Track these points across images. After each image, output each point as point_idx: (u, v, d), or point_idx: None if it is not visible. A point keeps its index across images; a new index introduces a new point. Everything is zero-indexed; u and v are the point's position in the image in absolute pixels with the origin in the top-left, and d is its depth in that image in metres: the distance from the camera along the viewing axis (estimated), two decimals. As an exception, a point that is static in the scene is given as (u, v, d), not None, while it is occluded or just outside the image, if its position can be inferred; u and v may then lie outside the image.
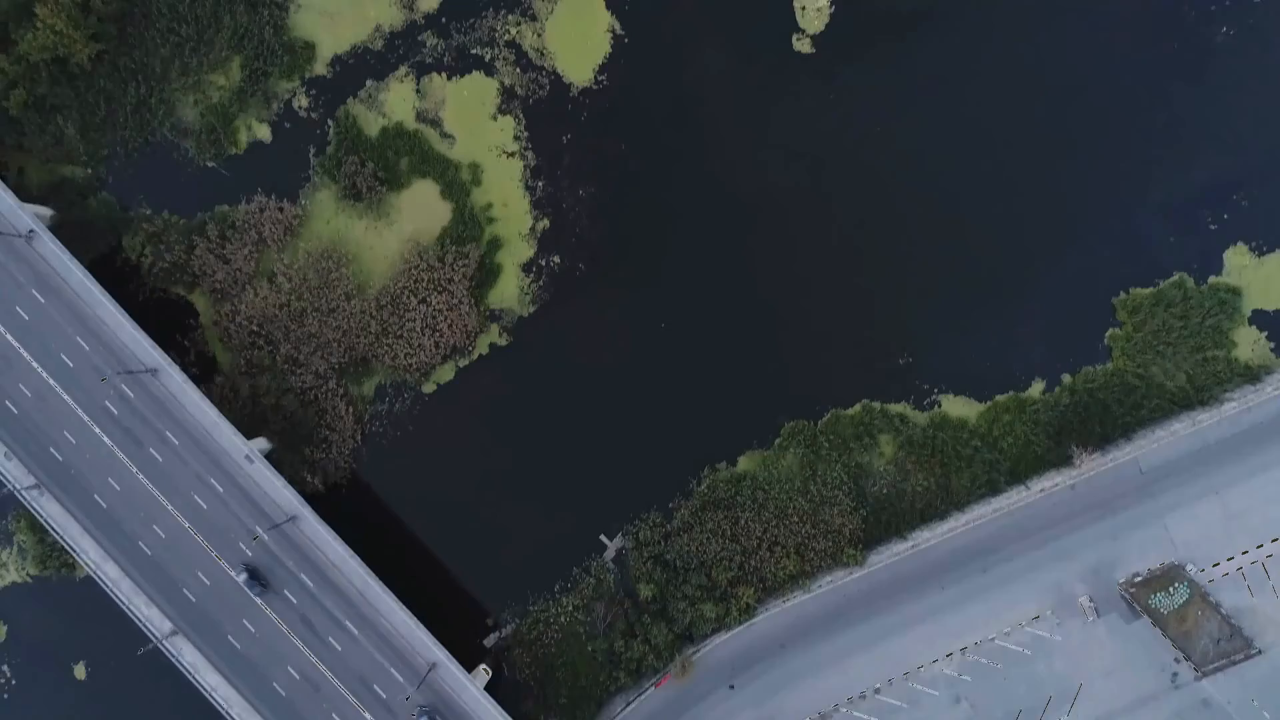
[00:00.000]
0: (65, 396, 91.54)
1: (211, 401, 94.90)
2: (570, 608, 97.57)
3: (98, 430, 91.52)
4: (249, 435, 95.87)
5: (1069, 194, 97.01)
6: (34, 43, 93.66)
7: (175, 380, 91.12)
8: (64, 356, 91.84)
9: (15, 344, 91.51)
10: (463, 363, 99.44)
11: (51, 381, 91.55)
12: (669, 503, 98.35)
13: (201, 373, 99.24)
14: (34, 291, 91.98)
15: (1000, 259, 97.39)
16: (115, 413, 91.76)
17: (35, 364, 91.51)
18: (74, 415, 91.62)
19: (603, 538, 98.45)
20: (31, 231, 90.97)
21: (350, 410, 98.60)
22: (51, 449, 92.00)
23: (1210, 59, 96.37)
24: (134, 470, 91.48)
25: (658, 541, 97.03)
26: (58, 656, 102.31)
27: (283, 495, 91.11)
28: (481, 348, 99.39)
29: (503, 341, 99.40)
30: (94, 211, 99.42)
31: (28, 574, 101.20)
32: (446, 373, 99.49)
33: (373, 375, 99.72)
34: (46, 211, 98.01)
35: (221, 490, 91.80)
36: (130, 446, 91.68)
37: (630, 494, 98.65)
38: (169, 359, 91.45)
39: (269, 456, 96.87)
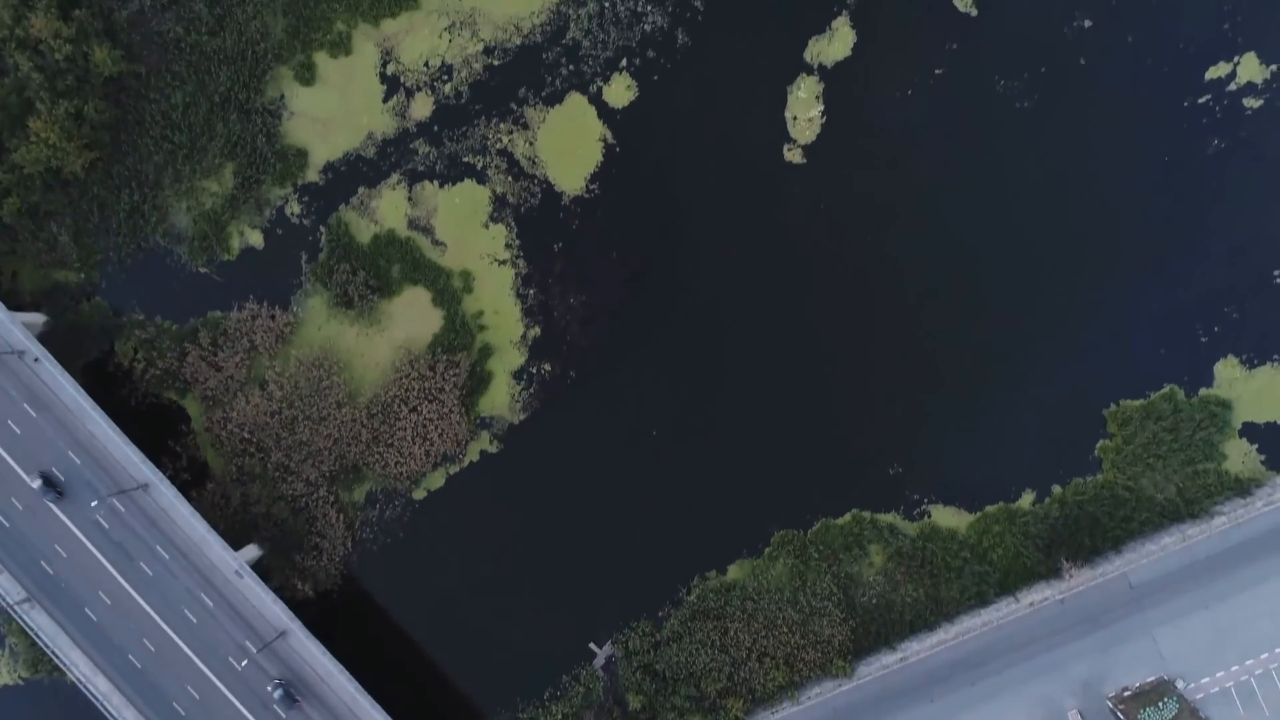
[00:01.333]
0: (57, 510, 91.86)
1: (203, 508, 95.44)
2: (560, 716, 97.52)
3: (89, 544, 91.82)
4: (240, 542, 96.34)
5: (1059, 304, 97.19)
6: (28, 155, 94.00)
7: (166, 495, 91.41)
8: (55, 470, 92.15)
9: (7, 458, 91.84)
10: (453, 470, 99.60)
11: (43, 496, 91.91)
12: (659, 611, 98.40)
13: (193, 478, 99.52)
14: (25, 406, 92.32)
15: (991, 369, 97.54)
16: (106, 527, 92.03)
17: (26, 477, 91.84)
18: (65, 529, 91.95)
19: (592, 645, 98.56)
20: (24, 351, 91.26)
21: (341, 517, 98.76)
22: (43, 562, 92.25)
23: (1202, 171, 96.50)
24: (125, 585, 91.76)
25: (647, 650, 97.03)
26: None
27: (272, 610, 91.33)
28: (472, 455, 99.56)
29: (494, 449, 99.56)
30: (87, 317, 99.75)
31: (19, 676, 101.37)
32: (437, 479, 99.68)
33: (363, 482, 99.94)
34: (40, 318, 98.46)
35: (212, 605, 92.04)
36: (121, 561, 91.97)
37: (620, 601, 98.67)
38: (160, 474, 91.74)
39: (260, 563, 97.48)
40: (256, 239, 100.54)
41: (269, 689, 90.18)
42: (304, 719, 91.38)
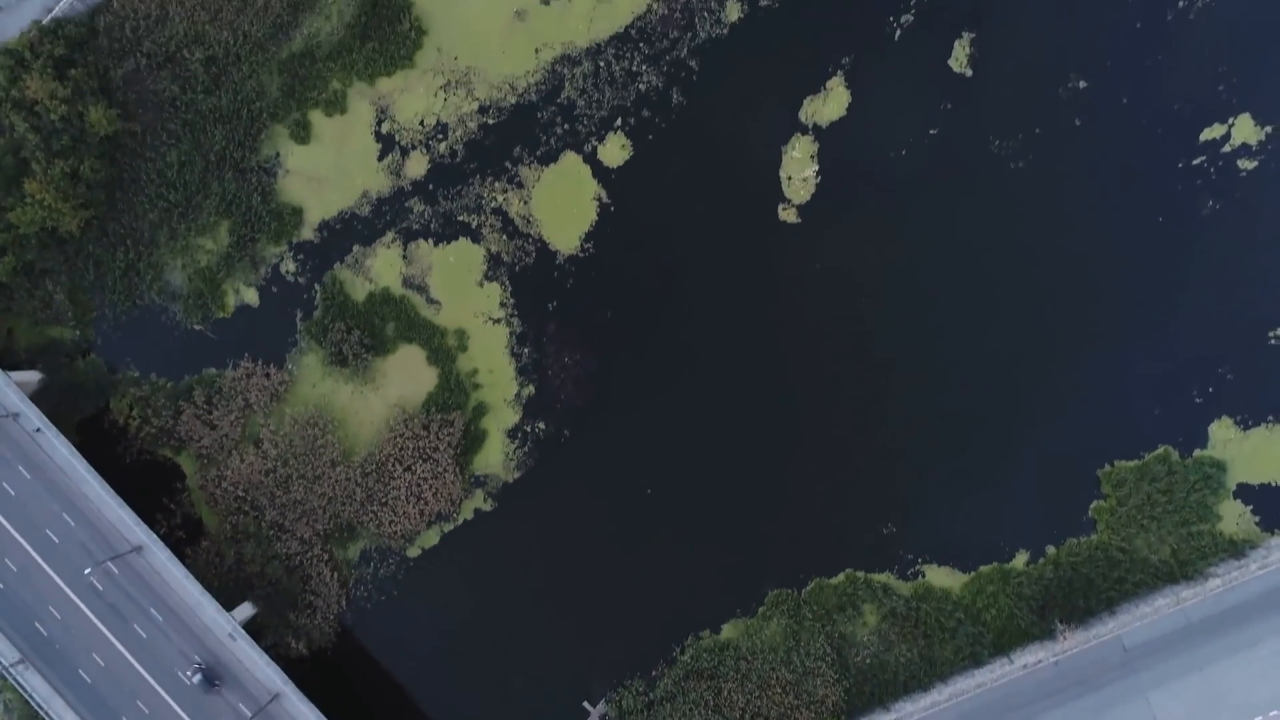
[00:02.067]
0: (51, 572, 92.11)
1: (197, 566, 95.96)
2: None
3: (83, 606, 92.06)
4: (233, 600, 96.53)
5: (1054, 364, 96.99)
6: (23, 217, 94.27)
7: (160, 558, 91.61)
8: (49, 533, 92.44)
9: (1, 520, 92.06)
10: (447, 528, 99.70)
11: (37, 557, 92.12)
12: (652, 670, 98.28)
13: (188, 536, 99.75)
14: (20, 468, 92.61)
15: (985, 429, 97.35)
16: (100, 589, 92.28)
17: (21, 539, 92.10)
18: (59, 591, 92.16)
19: (585, 704, 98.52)
20: (18, 414, 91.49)
21: (335, 575, 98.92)
22: (37, 624, 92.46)
23: (1196, 232, 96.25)
24: (119, 646, 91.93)
25: (640, 710, 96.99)
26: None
27: (265, 673, 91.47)
28: (466, 513, 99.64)
29: (487, 507, 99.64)
30: (82, 374, 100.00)
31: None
32: (431, 537, 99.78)
33: (358, 540, 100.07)
34: (35, 375, 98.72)
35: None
36: (115, 623, 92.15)
37: (613, 660, 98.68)
38: (154, 536, 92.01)
39: (253, 622, 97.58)
40: (251, 297, 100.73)
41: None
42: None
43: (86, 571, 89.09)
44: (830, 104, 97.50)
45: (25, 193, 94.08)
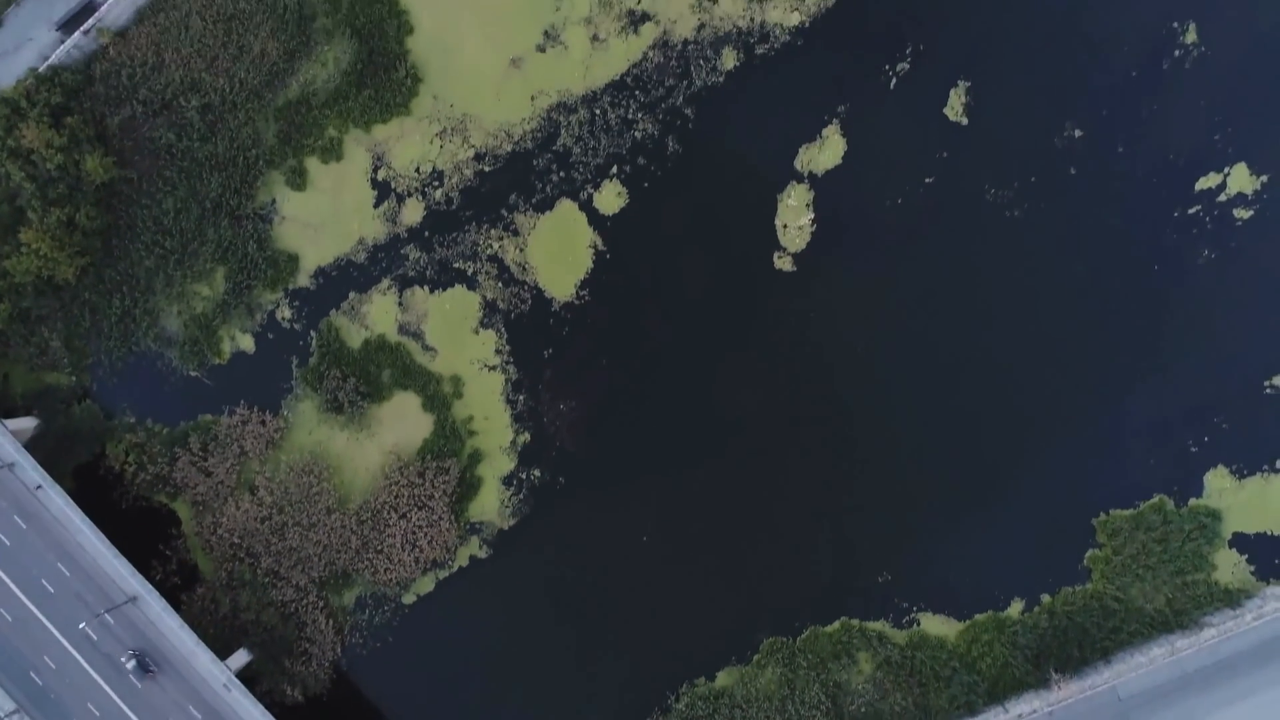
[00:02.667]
0: (46, 622, 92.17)
1: (192, 614, 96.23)
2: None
3: (78, 656, 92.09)
4: (229, 646, 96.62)
5: (1050, 414, 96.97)
6: (19, 266, 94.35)
7: (155, 608, 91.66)
8: (45, 582, 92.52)
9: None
10: (443, 574, 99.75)
11: (32, 607, 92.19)
12: (647, 718, 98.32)
13: (183, 582, 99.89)
14: (15, 517, 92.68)
15: (981, 477, 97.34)
16: (95, 639, 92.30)
17: (16, 589, 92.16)
18: (55, 641, 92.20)
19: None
20: (14, 464, 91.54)
21: (330, 622, 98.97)
22: (32, 673, 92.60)
23: (1192, 281, 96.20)
24: (113, 697, 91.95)
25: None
26: None
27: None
28: (461, 560, 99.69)
29: (483, 554, 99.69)
30: (78, 419, 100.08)
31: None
32: (426, 584, 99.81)
33: (353, 587, 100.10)
34: (31, 422, 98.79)
35: (200, 717, 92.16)
36: (110, 672, 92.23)
37: (608, 708, 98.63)
38: (149, 586, 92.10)
39: (249, 668, 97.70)
40: (247, 343, 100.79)
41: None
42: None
43: (81, 625, 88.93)
44: (826, 152, 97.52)
45: (21, 241, 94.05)
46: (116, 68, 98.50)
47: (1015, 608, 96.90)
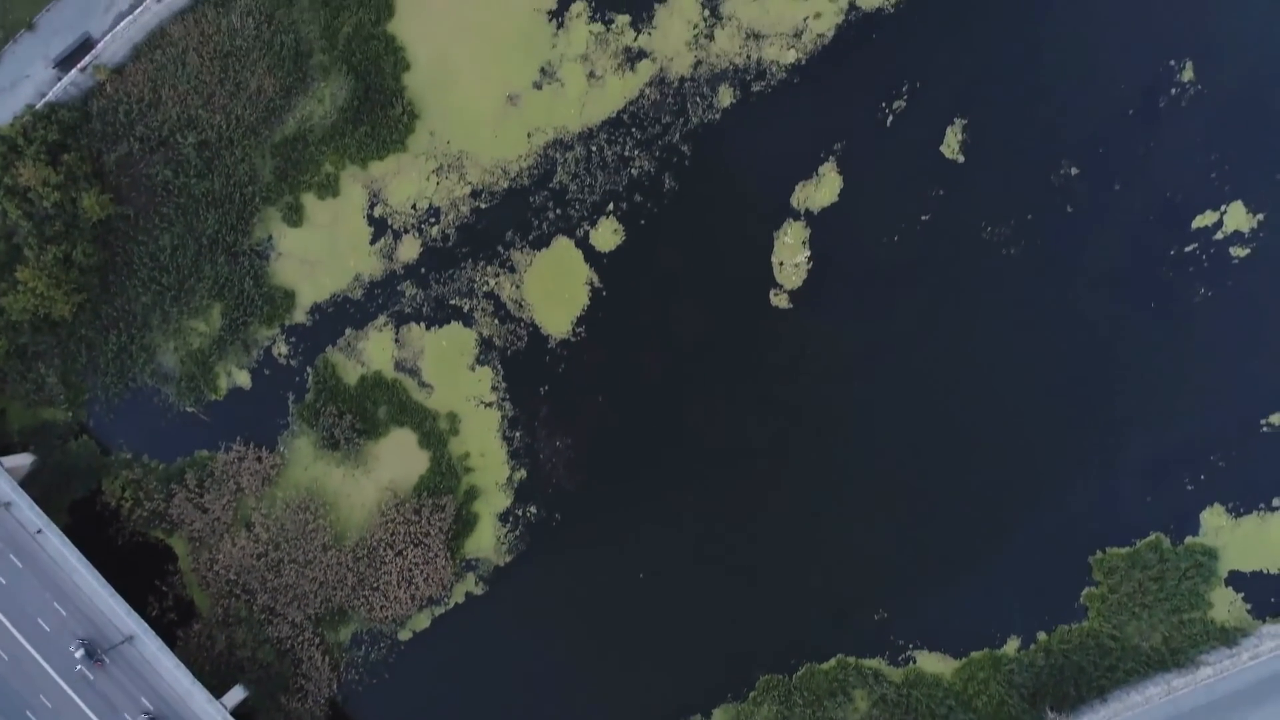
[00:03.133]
0: (42, 661, 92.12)
1: (189, 650, 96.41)
2: None
3: (74, 696, 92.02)
4: (225, 683, 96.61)
5: (1046, 451, 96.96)
6: (15, 304, 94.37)
7: (150, 648, 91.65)
8: (41, 621, 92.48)
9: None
10: (439, 611, 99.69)
11: (28, 646, 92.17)
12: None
13: (180, 617, 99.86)
14: (11, 556, 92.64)
15: (977, 515, 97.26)
16: (91, 678, 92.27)
17: (12, 628, 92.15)
18: (50, 680, 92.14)
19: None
20: (10, 503, 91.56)
21: (326, 659, 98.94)
22: (28, 712, 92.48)
23: (1188, 319, 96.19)
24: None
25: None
26: None
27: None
28: (457, 596, 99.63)
29: (479, 591, 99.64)
30: (75, 455, 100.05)
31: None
32: (422, 621, 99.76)
33: (349, 623, 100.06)
34: (28, 458, 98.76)
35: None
36: (105, 712, 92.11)
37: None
38: (145, 626, 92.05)
39: (245, 705, 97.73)
40: (244, 379, 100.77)
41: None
42: None
43: (77, 669, 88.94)
44: (823, 190, 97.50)
45: (17, 280, 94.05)
46: (113, 104, 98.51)
47: (1011, 645, 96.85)
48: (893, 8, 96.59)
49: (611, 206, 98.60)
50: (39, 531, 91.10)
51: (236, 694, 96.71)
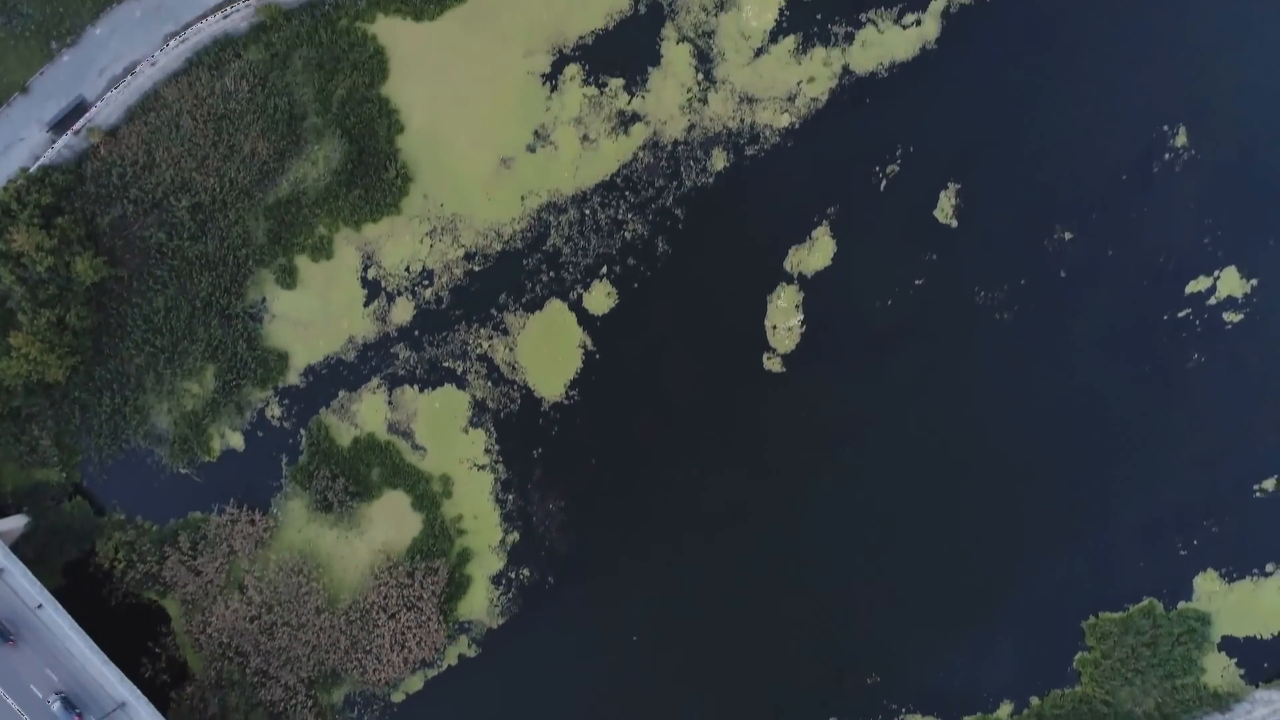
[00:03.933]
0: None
1: (181, 715, 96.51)
2: None
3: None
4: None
5: (1039, 515, 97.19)
6: (9, 370, 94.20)
7: (143, 715, 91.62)
8: (33, 688, 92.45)
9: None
10: (432, 673, 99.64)
11: (18, 710, 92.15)
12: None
13: (173, 679, 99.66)
14: (2, 622, 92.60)
15: (970, 578, 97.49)
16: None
17: (4, 695, 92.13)
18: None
19: None
20: (3, 569, 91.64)
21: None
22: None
23: (1182, 384, 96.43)
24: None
25: None
26: None
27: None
28: (450, 659, 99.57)
29: (471, 653, 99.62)
30: (68, 516, 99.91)
31: None
32: (415, 683, 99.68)
33: (342, 686, 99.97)
34: (21, 520, 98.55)
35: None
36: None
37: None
38: (138, 693, 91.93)
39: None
40: (237, 441, 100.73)
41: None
42: None
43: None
44: (816, 254, 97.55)
45: (11, 345, 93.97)
46: (107, 167, 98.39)
47: (1004, 710, 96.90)
48: (886, 73, 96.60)
49: (605, 269, 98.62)
50: (39, 607, 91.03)
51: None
